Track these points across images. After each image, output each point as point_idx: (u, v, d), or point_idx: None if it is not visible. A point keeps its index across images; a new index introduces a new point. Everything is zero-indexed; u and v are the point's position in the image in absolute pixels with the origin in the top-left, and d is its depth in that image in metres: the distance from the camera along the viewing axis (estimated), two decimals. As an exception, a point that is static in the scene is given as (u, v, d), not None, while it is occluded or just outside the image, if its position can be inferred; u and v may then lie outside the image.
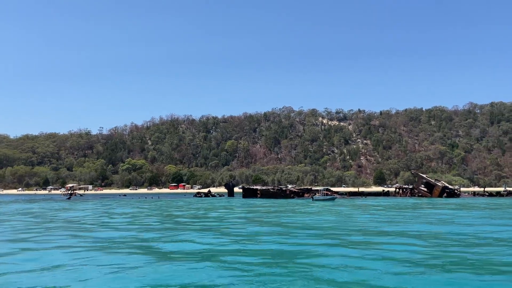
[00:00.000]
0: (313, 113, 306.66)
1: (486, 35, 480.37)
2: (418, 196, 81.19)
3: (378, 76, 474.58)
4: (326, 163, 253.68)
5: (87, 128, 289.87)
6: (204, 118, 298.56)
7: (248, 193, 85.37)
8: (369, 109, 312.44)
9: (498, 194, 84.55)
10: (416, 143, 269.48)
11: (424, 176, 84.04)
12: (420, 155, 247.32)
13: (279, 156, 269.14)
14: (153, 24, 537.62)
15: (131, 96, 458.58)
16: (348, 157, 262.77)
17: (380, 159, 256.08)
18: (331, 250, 16.31)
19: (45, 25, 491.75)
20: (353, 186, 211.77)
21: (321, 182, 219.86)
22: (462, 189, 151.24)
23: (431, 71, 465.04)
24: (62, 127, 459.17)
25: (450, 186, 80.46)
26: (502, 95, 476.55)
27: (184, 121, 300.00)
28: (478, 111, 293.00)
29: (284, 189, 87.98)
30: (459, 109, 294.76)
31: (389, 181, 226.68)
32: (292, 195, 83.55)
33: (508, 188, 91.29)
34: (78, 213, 41.86)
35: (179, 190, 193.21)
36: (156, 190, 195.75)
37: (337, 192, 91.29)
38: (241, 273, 12.27)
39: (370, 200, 69.08)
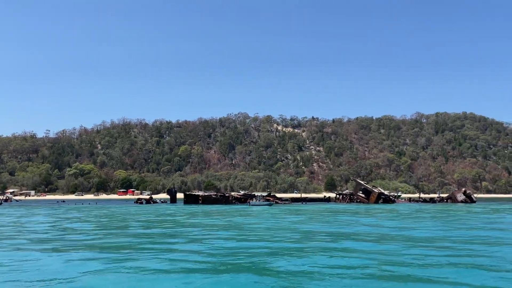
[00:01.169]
0: (268, 119, 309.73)
1: (433, 49, 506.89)
2: (357, 202, 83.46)
3: (332, 84, 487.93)
4: (279, 169, 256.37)
5: (32, 131, 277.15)
6: (158, 122, 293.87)
7: (190, 200, 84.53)
8: (323, 117, 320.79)
9: (431, 200, 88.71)
10: (366, 150, 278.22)
11: (362, 183, 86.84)
12: (369, 162, 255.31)
13: (233, 162, 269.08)
14: (106, 24, 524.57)
15: (81, 99, 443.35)
16: (301, 164, 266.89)
17: (331, 166, 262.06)
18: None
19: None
20: (305, 192, 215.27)
21: (273, 188, 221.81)
22: (406, 195, 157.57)
23: (382, 81, 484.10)
24: (5, 129, 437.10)
25: (385, 193, 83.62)
26: (447, 106, 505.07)
27: (137, 125, 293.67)
28: (424, 120, 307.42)
29: (226, 195, 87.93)
30: (407, 118, 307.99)
31: (339, 187, 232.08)
32: (234, 201, 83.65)
33: (441, 195, 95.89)
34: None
35: (127, 196, 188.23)
36: (103, 196, 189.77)
37: (280, 198, 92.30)
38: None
39: (306, 206, 70.41)
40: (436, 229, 27.37)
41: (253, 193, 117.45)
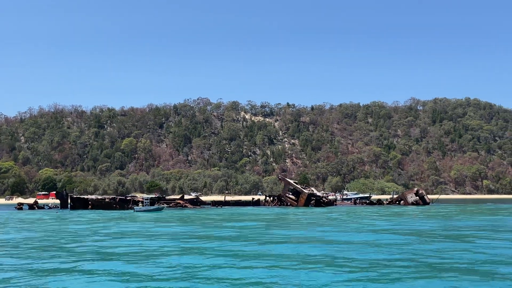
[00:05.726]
0: (234, 106, 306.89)
1: (432, 26, 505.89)
2: (286, 205, 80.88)
3: (312, 65, 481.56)
4: (245, 166, 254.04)
5: None
6: (97, 109, 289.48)
7: (78, 204, 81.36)
8: (300, 104, 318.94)
9: (379, 202, 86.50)
10: (349, 143, 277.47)
11: (291, 181, 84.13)
12: (352, 158, 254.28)
13: (189, 158, 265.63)
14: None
15: (1, 80, 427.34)
16: (271, 160, 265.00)
17: (307, 162, 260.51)
18: None
19: None
20: (272, 193, 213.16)
21: (233, 190, 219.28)
22: (386, 196, 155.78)
23: (372, 61, 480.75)
24: None
25: (318, 194, 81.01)
26: (447, 91, 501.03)
27: (71, 113, 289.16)
28: (420, 108, 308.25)
29: (128, 198, 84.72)
30: (400, 105, 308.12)
31: (314, 187, 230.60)
32: (134, 205, 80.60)
33: (395, 196, 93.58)
34: None
35: (47, 201, 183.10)
36: (19, 200, 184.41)
37: (202, 202, 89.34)
38: None
39: (212, 211, 67.18)
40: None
41: (163, 195, 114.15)
